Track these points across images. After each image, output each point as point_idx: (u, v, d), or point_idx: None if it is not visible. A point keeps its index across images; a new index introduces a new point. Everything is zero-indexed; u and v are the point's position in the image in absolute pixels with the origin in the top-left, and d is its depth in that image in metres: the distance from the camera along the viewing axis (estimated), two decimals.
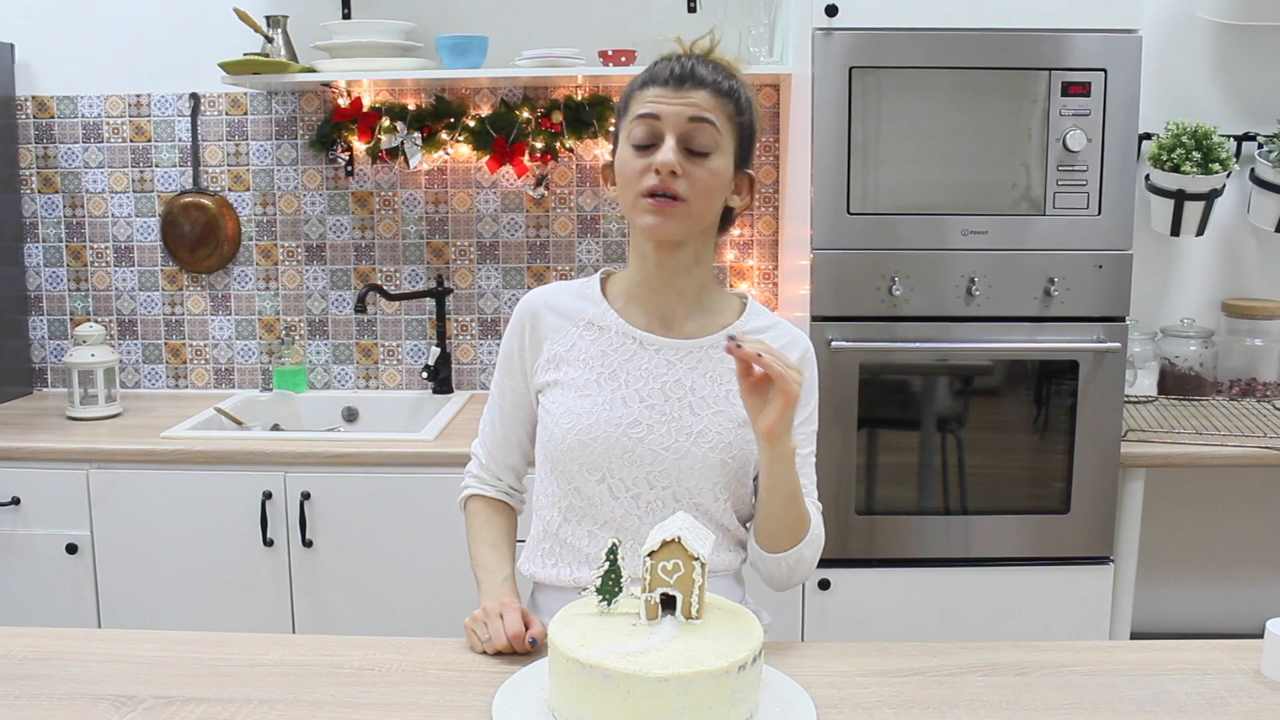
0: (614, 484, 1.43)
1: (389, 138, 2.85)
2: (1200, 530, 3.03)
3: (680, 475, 1.42)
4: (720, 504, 1.46)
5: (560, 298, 1.52)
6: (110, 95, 2.98)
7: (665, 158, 1.36)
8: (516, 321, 1.53)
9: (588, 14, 2.87)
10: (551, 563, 1.48)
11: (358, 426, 2.95)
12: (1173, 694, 1.24)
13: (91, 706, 1.20)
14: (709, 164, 1.39)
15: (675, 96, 1.38)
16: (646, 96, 1.40)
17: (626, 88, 1.46)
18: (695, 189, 1.38)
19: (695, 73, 1.39)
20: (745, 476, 1.47)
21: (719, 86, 1.39)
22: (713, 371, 1.46)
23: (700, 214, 1.41)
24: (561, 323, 1.50)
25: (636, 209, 1.41)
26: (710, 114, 1.38)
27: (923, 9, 2.29)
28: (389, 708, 1.20)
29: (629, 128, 1.41)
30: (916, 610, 2.45)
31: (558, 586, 1.47)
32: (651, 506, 1.43)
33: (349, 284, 3.04)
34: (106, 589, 2.52)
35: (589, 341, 1.48)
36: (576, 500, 1.45)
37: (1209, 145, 2.68)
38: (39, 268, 3.07)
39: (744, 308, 1.52)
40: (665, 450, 1.42)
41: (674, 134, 1.37)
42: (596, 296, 1.51)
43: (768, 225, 2.97)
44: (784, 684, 1.21)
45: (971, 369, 2.45)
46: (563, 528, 1.47)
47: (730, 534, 1.48)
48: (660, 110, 1.38)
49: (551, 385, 1.48)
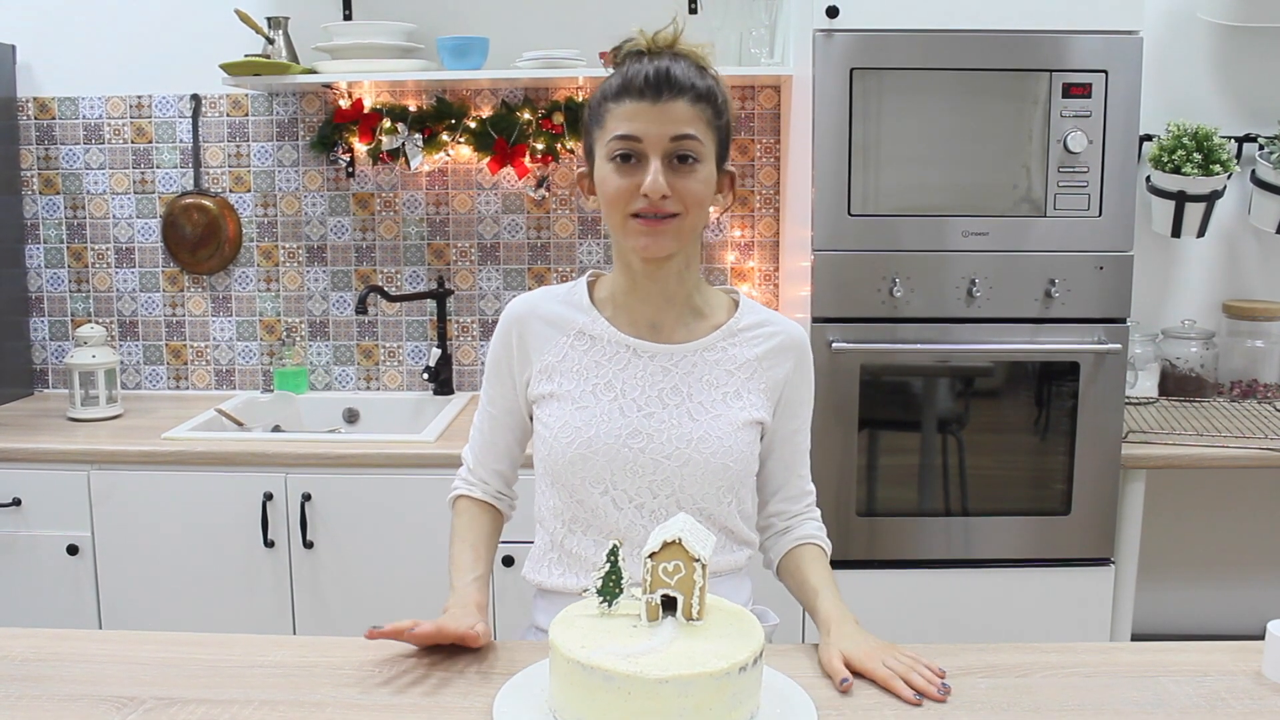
0: (617, 495, 1.42)
1: (390, 139, 2.85)
2: (1201, 532, 3.03)
3: (683, 482, 1.42)
4: (725, 507, 1.45)
5: (547, 305, 1.49)
6: (111, 96, 2.98)
7: (654, 184, 1.32)
8: (503, 330, 1.50)
9: (588, 15, 2.87)
10: (559, 571, 1.48)
11: (358, 428, 2.96)
12: (1173, 695, 1.24)
13: (93, 708, 1.20)
14: (696, 174, 1.35)
15: (653, 111, 1.32)
16: (623, 112, 1.34)
17: (597, 93, 1.39)
18: (686, 201, 1.35)
19: (670, 77, 1.33)
20: (748, 477, 1.47)
21: (696, 90, 1.34)
22: (708, 375, 1.44)
23: (694, 225, 1.39)
24: (551, 332, 1.47)
25: (626, 230, 1.37)
26: (691, 127, 1.33)
27: (923, 10, 2.29)
28: (390, 709, 1.20)
29: (607, 146, 1.36)
30: (917, 612, 2.45)
31: (564, 593, 1.46)
32: (655, 515, 1.42)
33: (350, 285, 3.04)
34: (107, 590, 2.52)
35: (581, 352, 1.45)
36: (580, 512, 1.44)
37: (1210, 147, 2.68)
38: (40, 269, 3.07)
39: (736, 306, 1.51)
40: (667, 459, 1.41)
41: (658, 154, 1.34)
42: (585, 304, 1.48)
43: (768, 227, 2.97)
44: (785, 685, 1.21)
45: (972, 370, 2.45)
46: (567, 539, 1.46)
47: (735, 535, 1.48)
48: (640, 131, 1.33)
49: (546, 398, 1.46)
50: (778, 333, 1.49)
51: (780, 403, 1.49)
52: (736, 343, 1.47)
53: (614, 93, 1.36)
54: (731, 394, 1.44)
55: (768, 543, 1.55)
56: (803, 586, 1.45)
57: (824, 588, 1.41)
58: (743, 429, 1.43)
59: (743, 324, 1.48)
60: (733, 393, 1.44)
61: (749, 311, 1.50)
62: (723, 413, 1.43)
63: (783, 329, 1.49)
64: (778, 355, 1.48)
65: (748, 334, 1.48)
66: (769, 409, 1.47)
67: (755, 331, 1.48)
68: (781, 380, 1.48)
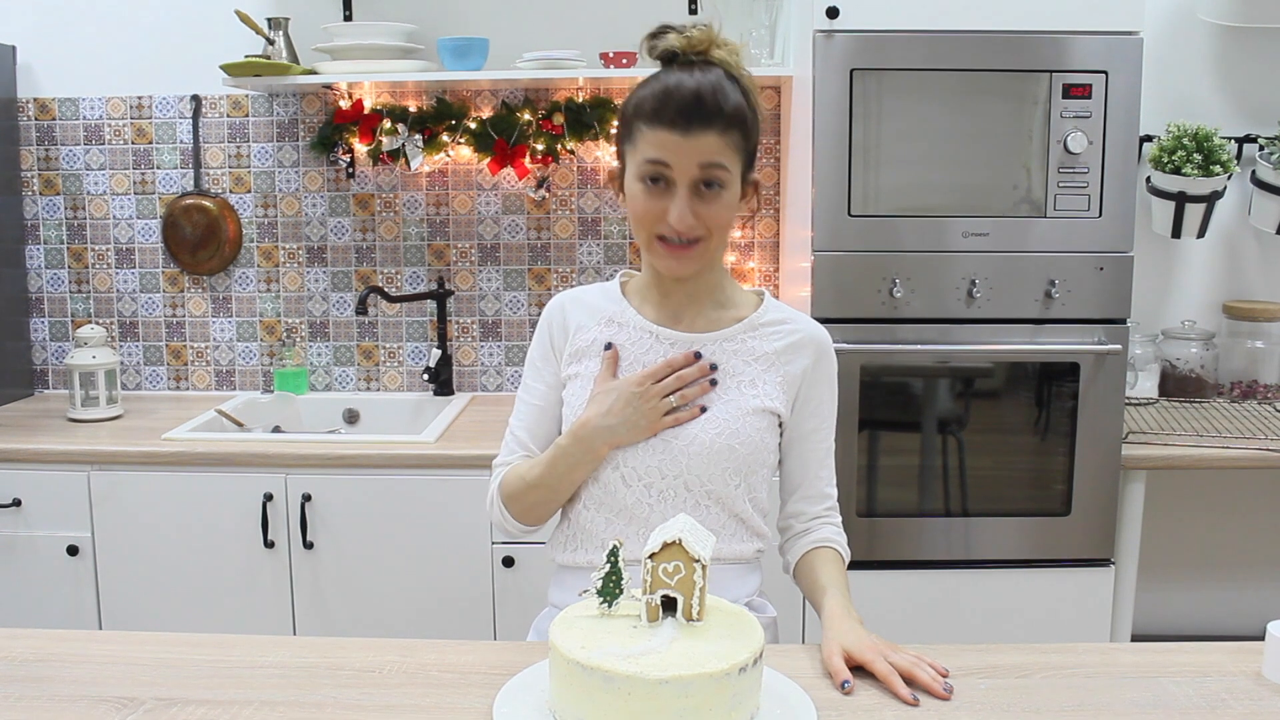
0: (626, 472, 1.46)
1: (390, 140, 2.86)
2: (1201, 532, 3.03)
3: (690, 462, 1.44)
4: (733, 490, 1.46)
5: (586, 295, 1.56)
6: (112, 97, 2.98)
7: (680, 218, 1.37)
8: (545, 318, 1.56)
9: (589, 16, 2.87)
10: (571, 548, 1.51)
11: (359, 428, 2.96)
12: (1173, 696, 1.24)
13: (93, 708, 1.20)
14: (720, 199, 1.39)
15: (684, 143, 1.35)
16: (655, 138, 1.36)
17: (632, 99, 1.42)
18: (710, 226, 1.40)
19: (701, 107, 1.35)
20: (759, 465, 1.48)
21: (726, 118, 1.36)
22: (726, 363, 1.47)
23: (717, 245, 1.44)
24: (586, 318, 1.53)
25: (651, 249, 1.43)
26: (719, 156, 1.37)
27: (923, 11, 2.29)
28: (390, 709, 1.20)
29: (638, 165, 1.39)
30: (917, 612, 2.45)
31: (575, 568, 1.51)
32: (664, 495, 1.45)
33: (350, 286, 3.04)
34: (107, 590, 2.52)
35: (608, 337, 1.51)
36: (594, 487, 1.48)
37: (1210, 147, 2.68)
38: (40, 270, 3.07)
39: (760, 303, 1.54)
40: (674, 437, 1.44)
41: (685, 183, 1.37)
42: (617, 296, 1.54)
43: (769, 227, 2.97)
44: (785, 686, 1.21)
45: (972, 371, 2.45)
46: (581, 513, 1.50)
47: (744, 523, 1.50)
48: (670, 159, 1.36)
49: (572, 378, 1.51)
50: (799, 330, 1.51)
51: (798, 399, 1.51)
52: (757, 336, 1.50)
53: (647, 115, 1.38)
54: (746, 382, 1.47)
55: (786, 544, 1.57)
56: (814, 587, 1.47)
57: (832, 586, 1.43)
58: (753, 415, 1.46)
59: (765, 319, 1.51)
60: (748, 381, 1.47)
61: (773, 309, 1.53)
62: (735, 398, 1.46)
63: (805, 327, 1.52)
64: (797, 350, 1.50)
65: (769, 329, 1.50)
66: (785, 402, 1.49)
67: (777, 328, 1.51)
68: (799, 376, 1.50)
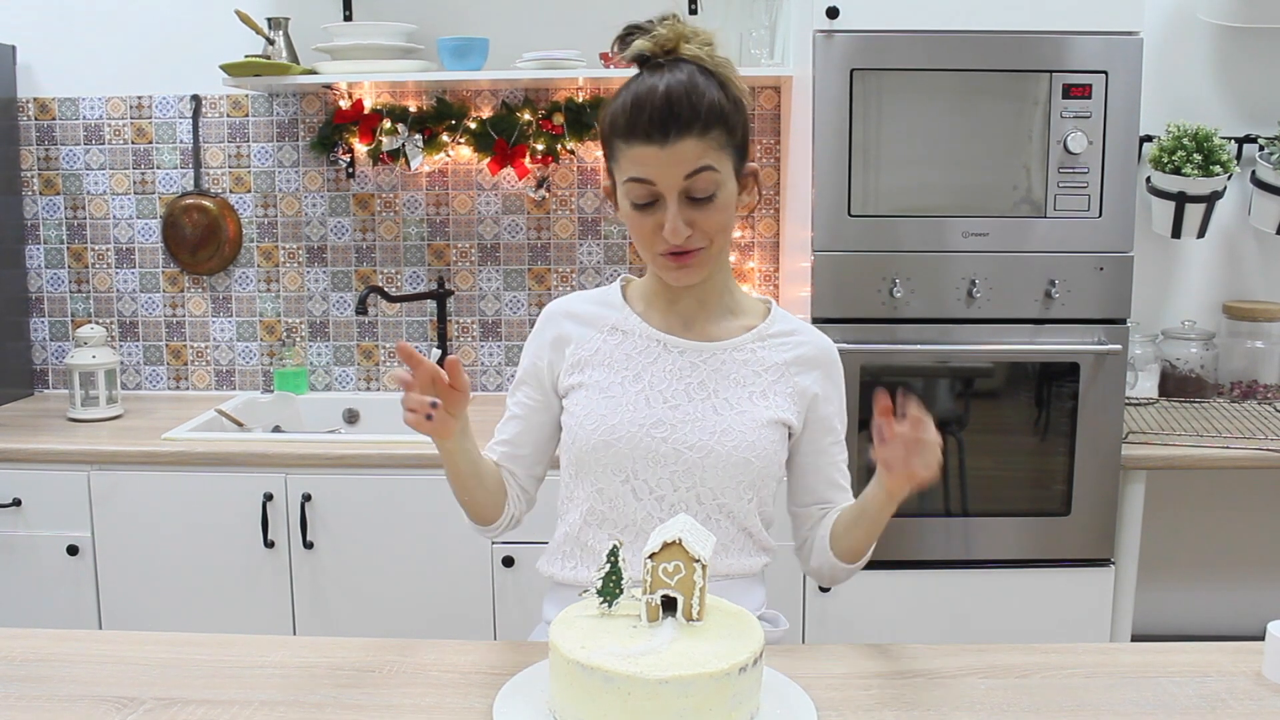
0: (637, 485, 1.43)
1: (390, 139, 2.86)
2: (1201, 532, 3.03)
3: (704, 475, 1.42)
4: (744, 504, 1.45)
5: (581, 306, 1.52)
6: (112, 97, 2.98)
7: (673, 231, 1.34)
8: (538, 330, 1.53)
9: (588, 16, 2.87)
10: (572, 565, 1.49)
11: (359, 428, 2.96)
12: (1174, 696, 1.24)
13: (93, 708, 1.20)
14: (714, 204, 1.36)
15: (663, 155, 1.31)
16: (634, 155, 1.33)
17: (608, 116, 1.37)
18: (709, 232, 1.37)
19: (675, 114, 1.30)
20: (769, 478, 1.47)
21: (702, 119, 1.31)
22: (736, 373, 1.46)
23: (720, 248, 1.42)
24: (584, 330, 1.49)
25: (656, 264, 1.41)
26: (703, 160, 1.32)
27: (923, 11, 2.29)
28: (390, 709, 1.20)
29: (624, 186, 1.36)
30: (917, 612, 2.45)
31: (575, 586, 1.46)
32: (675, 509, 1.42)
33: (350, 286, 3.05)
34: (107, 590, 2.52)
35: (613, 345, 1.48)
36: (599, 504, 1.45)
37: (1210, 147, 2.68)
38: (40, 269, 3.07)
39: (768, 311, 1.52)
40: (689, 449, 1.42)
41: (673, 195, 1.34)
42: (618, 302, 1.51)
43: (768, 227, 2.97)
44: (785, 686, 1.21)
45: (972, 371, 2.45)
46: (584, 531, 1.47)
47: (753, 538, 1.48)
48: (653, 175, 1.33)
49: (576, 388, 1.48)
50: (807, 342, 1.50)
51: (810, 415, 1.49)
52: (766, 346, 1.48)
53: (622, 131, 1.34)
54: (758, 393, 1.45)
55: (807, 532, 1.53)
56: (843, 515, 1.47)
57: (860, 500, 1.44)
58: (767, 427, 1.44)
59: (774, 329, 1.50)
60: (759, 392, 1.45)
61: (781, 319, 1.52)
62: (748, 409, 1.44)
63: (813, 340, 1.51)
64: (806, 364, 1.49)
65: (778, 340, 1.49)
66: (796, 414, 1.48)
67: (786, 339, 1.49)
68: (809, 390, 1.48)
